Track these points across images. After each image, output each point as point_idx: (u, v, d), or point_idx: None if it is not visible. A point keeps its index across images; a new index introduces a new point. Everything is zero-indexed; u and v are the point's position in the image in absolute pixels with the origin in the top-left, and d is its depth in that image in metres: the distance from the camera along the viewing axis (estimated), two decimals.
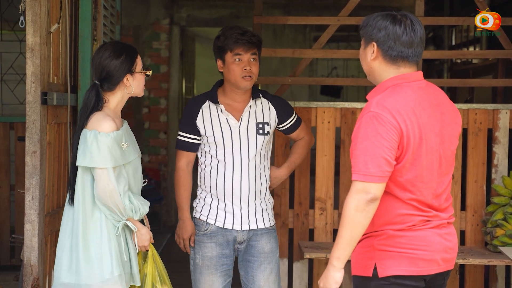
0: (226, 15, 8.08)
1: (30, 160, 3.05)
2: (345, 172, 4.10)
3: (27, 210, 3.06)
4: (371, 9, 7.08)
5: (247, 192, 3.20)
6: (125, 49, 2.95)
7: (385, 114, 2.30)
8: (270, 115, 3.26)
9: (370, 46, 2.42)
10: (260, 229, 3.24)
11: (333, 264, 2.34)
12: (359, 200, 2.28)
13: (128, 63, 2.93)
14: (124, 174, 2.87)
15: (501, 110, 4.06)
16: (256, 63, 3.18)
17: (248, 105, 3.22)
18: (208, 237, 3.23)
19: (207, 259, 3.22)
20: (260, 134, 3.21)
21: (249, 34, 3.15)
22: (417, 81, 2.42)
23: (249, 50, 3.14)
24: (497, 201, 3.91)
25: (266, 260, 3.24)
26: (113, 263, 2.81)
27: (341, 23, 4.20)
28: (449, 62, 7.42)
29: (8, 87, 5.91)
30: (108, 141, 2.80)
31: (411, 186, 2.36)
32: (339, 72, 9.99)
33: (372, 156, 2.27)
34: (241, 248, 3.25)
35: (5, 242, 5.19)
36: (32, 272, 3.06)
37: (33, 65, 3.05)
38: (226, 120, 3.20)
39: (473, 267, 4.13)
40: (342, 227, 2.31)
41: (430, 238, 2.39)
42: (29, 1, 3.03)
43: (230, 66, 3.15)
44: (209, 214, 3.24)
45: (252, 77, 3.16)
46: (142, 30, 7.76)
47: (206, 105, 3.23)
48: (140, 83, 2.98)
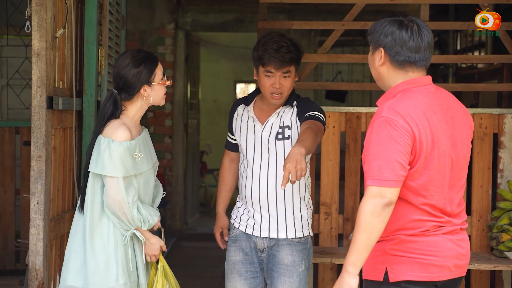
0: (231, 20, 8.09)
1: (35, 165, 3.06)
2: (350, 177, 4.09)
3: (32, 215, 3.06)
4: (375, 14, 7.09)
5: (265, 199, 3.11)
6: (145, 59, 2.92)
7: (397, 119, 2.30)
8: (291, 117, 3.13)
9: (378, 52, 2.43)
10: (282, 239, 3.12)
11: (348, 270, 2.31)
12: (375, 205, 2.27)
13: (146, 74, 2.91)
14: (135, 185, 2.86)
15: (506, 115, 4.05)
16: (289, 78, 3.06)
17: (277, 110, 3.13)
18: (233, 241, 3.20)
19: (231, 264, 3.19)
20: (279, 139, 3.10)
21: (283, 51, 3.01)
22: (427, 85, 2.43)
23: (280, 68, 3.03)
24: (503, 206, 3.89)
25: (286, 273, 3.10)
26: (118, 271, 2.81)
27: (345, 27, 4.20)
28: (454, 67, 7.41)
29: (14, 91, 5.92)
30: (120, 150, 2.79)
31: (424, 190, 2.35)
32: (344, 77, 9.99)
33: (386, 160, 2.27)
34: (263, 256, 3.16)
35: (10, 247, 5.19)
36: (37, 277, 3.06)
37: (38, 70, 3.06)
38: (253, 123, 3.16)
39: (478, 272, 4.12)
40: (358, 232, 2.28)
41: (442, 244, 2.38)
42: (35, 6, 3.04)
43: (261, 80, 3.09)
44: (236, 217, 3.23)
45: (282, 94, 3.07)
46: (147, 34, 7.78)
47: (241, 106, 3.23)
48: (159, 93, 2.95)
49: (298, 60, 3.10)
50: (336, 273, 4.15)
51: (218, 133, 10.88)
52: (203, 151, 10.02)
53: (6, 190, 5.24)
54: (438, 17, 7.33)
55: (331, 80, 9.74)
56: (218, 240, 3.34)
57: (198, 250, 7.33)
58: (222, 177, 3.37)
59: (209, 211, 9.51)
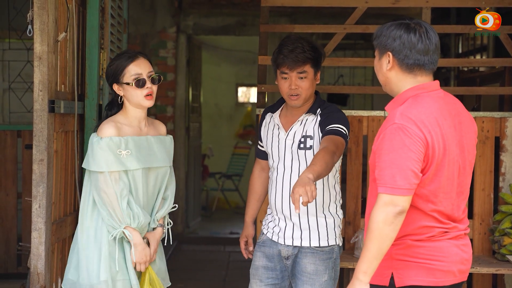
0: (232, 23, 8.09)
1: (37, 168, 3.06)
2: (352, 181, 4.09)
3: (34, 218, 3.06)
4: (377, 18, 7.09)
5: (288, 207, 3.08)
6: (119, 56, 2.94)
7: (410, 125, 2.28)
8: (314, 126, 3.06)
9: (385, 56, 2.40)
10: (305, 248, 3.08)
11: (359, 278, 2.28)
12: (387, 213, 2.24)
13: (113, 71, 2.92)
14: (124, 180, 2.88)
15: (508, 118, 4.05)
16: (306, 80, 3.02)
17: (300, 118, 3.08)
18: (259, 246, 3.19)
19: (254, 268, 3.18)
20: (301, 148, 3.05)
21: (298, 51, 2.98)
22: (436, 90, 2.41)
23: (295, 69, 3.00)
24: (505, 209, 3.89)
25: (308, 281, 3.06)
26: (100, 268, 2.86)
27: (347, 31, 4.20)
28: (456, 70, 7.40)
29: (16, 95, 5.93)
30: (101, 145, 2.85)
31: (433, 197, 2.34)
32: (346, 80, 9.98)
33: (399, 168, 2.25)
34: (288, 263, 3.13)
35: (12, 250, 5.19)
36: (39, 280, 3.06)
37: (40, 74, 3.06)
38: (278, 130, 3.14)
39: (480, 276, 4.11)
40: (370, 241, 2.26)
41: (448, 249, 2.37)
42: (37, 10, 3.05)
43: (279, 82, 3.08)
44: (265, 224, 3.22)
45: (300, 95, 3.03)
46: (149, 38, 7.79)
47: (269, 114, 3.21)
48: (133, 94, 2.91)
49: (316, 61, 3.04)
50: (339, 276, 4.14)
51: (220, 137, 10.88)
52: (205, 154, 10.02)
53: (8, 194, 5.25)
54: (440, 20, 7.33)
55: (332, 83, 9.74)
56: (242, 249, 3.34)
57: (199, 253, 7.33)
58: (251, 186, 3.34)
59: (210, 215, 9.50)
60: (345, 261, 3.77)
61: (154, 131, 3.06)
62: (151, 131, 3.04)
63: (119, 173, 2.86)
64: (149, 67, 2.96)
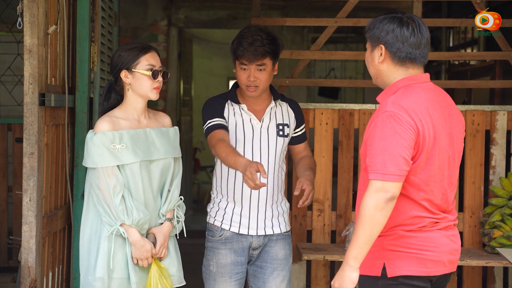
0: (224, 16, 8.08)
1: (27, 162, 3.05)
2: (343, 174, 4.10)
3: (25, 212, 3.05)
4: (368, 11, 7.10)
5: (264, 196, 3.12)
6: (134, 46, 2.92)
7: (402, 113, 2.31)
8: (289, 117, 3.20)
9: (378, 49, 2.43)
10: (276, 235, 3.15)
11: (349, 263, 2.31)
12: (378, 199, 2.28)
13: (127, 58, 2.90)
14: (118, 176, 2.85)
15: (498, 112, 4.07)
16: (265, 72, 3.06)
17: (270, 106, 3.16)
18: (223, 243, 3.15)
19: (221, 266, 3.14)
20: (280, 136, 3.14)
21: (257, 44, 3.02)
22: (426, 82, 2.45)
23: (254, 61, 3.04)
24: (495, 202, 3.91)
25: (279, 267, 3.15)
26: (97, 265, 2.85)
27: (338, 24, 4.20)
28: (447, 64, 7.42)
29: (6, 88, 5.91)
30: (95, 140, 2.84)
31: (425, 185, 2.37)
32: (337, 74, 10.00)
33: (390, 155, 2.28)
34: (255, 254, 3.15)
35: (2, 244, 5.18)
36: (29, 274, 3.05)
37: (30, 67, 3.04)
38: (249, 119, 3.14)
39: (471, 268, 4.14)
40: (360, 226, 2.29)
41: (439, 240, 2.40)
42: (26, 3, 3.03)
43: (238, 72, 3.10)
44: (223, 219, 3.15)
45: (258, 86, 3.07)
46: (140, 31, 7.76)
47: (229, 103, 3.17)
48: (142, 83, 2.91)
49: (274, 54, 3.09)
50: (329, 269, 4.16)
51: None
52: (196, 148, 10.02)
53: None
54: (431, 14, 7.35)
55: (324, 77, 9.75)
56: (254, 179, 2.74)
57: (192, 247, 7.29)
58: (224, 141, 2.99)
59: (202, 208, 9.50)
60: (336, 254, 3.78)
61: (157, 123, 3.03)
62: (153, 123, 3.02)
63: (113, 168, 2.84)
64: (160, 62, 2.97)
